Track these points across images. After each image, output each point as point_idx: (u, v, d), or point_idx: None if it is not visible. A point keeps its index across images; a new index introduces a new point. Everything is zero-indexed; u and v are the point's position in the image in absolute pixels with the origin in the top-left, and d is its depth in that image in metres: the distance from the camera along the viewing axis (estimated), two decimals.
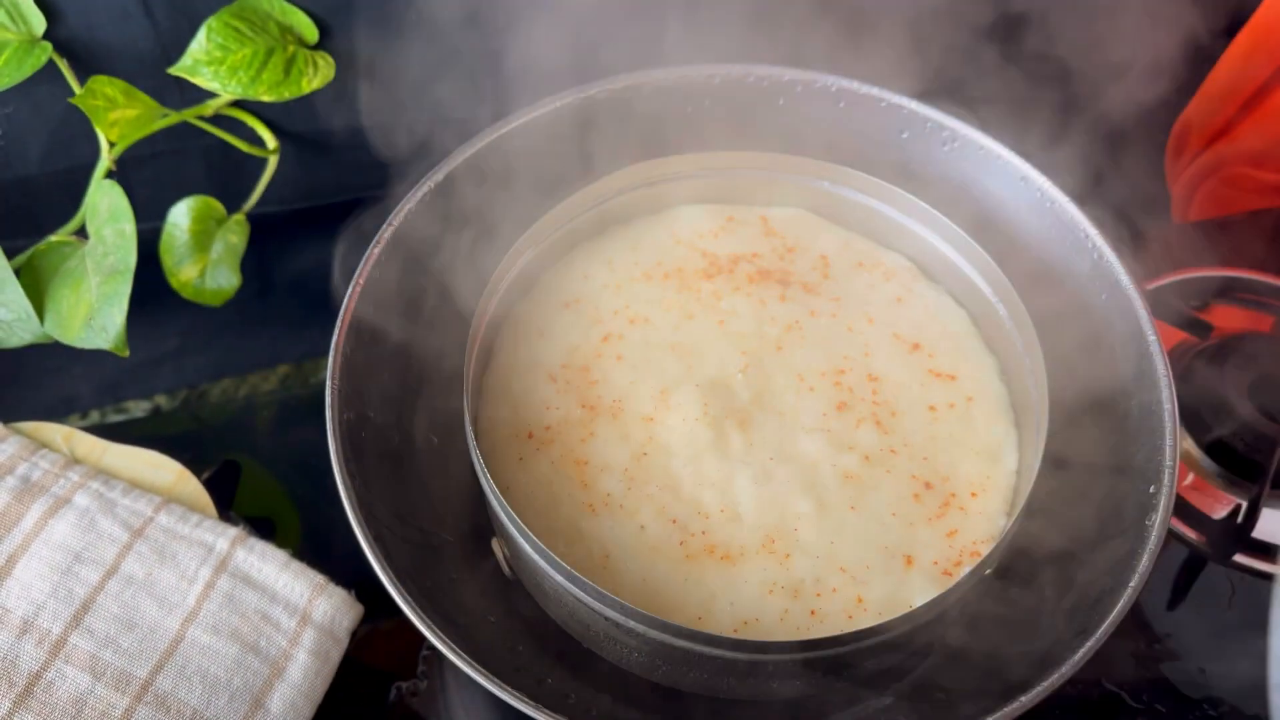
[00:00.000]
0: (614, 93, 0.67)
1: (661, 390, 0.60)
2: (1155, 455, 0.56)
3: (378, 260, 0.60)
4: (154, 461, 0.64)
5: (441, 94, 0.76)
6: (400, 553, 0.55)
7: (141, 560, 0.59)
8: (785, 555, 0.55)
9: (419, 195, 0.62)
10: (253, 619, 0.58)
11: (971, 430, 0.60)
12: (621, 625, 0.51)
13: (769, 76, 0.68)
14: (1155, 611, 0.68)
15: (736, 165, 0.68)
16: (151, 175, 0.76)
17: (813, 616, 0.54)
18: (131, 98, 0.68)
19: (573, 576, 0.50)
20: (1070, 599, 0.56)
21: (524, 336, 0.63)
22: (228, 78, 0.68)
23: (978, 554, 0.56)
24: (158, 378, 0.79)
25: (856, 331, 0.63)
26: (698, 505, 0.56)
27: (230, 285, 0.76)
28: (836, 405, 0.60)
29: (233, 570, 0.59)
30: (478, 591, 0.61)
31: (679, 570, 0.55)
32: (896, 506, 0.57)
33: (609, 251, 0.67)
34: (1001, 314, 0.62)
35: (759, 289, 0.64)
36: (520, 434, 0.60)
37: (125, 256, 0.66)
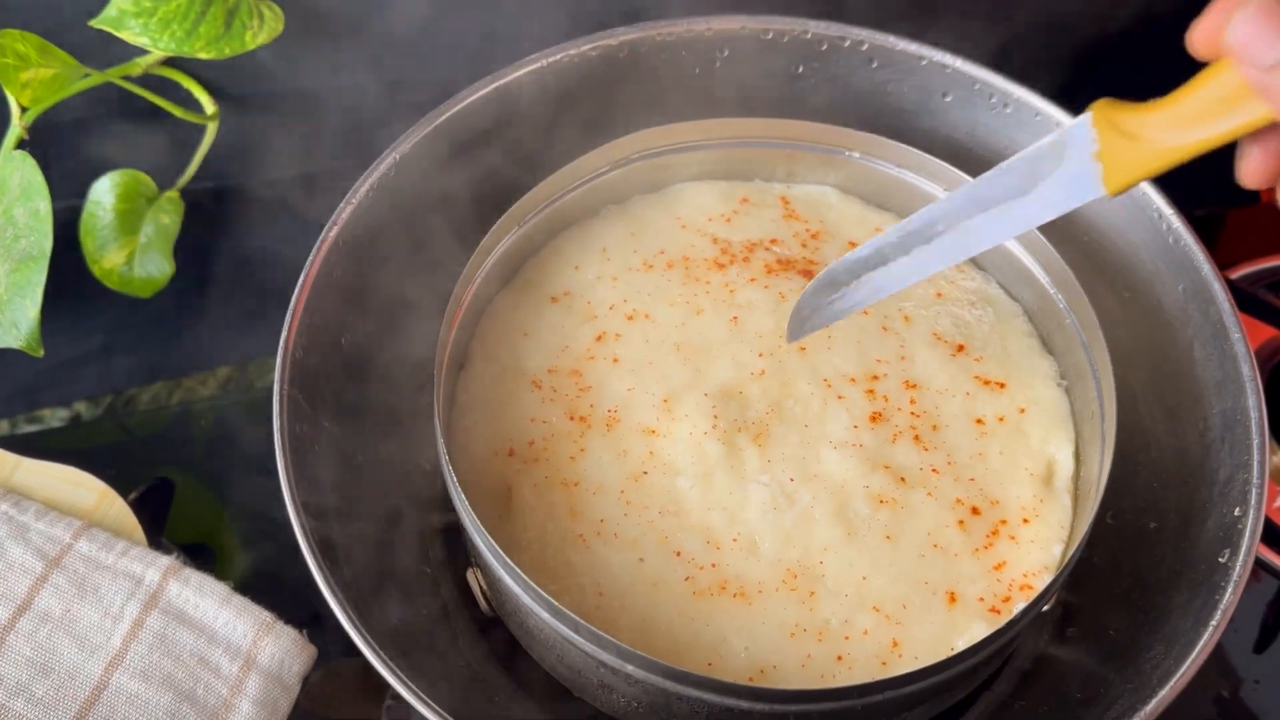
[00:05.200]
0: (608, 49, 0.67)
1: (665, 398, 0.60)
2: (1241, 472, 0.56)
3: (333, 245, 0.60)
4: (73, 479, 0.64)
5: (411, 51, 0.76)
6: (361, 586, 0.56)
7: (58, 594, 0.59)
8: (809, 592, 0.55)
9: (381, 169, 0.62)
10: (188, 663, 0.58)
11: (1024, 446, 0.60)
12: (618, 671, 0.51)
13: (790, 31, 0.68)
14: (1241, 654, 0.68)
15: (751, 135, 0.68)
16: (70, 145, 0.76)
17: (840, 662, 0.54)
18: (47, 55, 0.68)
19: (562, 614, 0.50)
20: (1142, 640, 0.56)
21: (504, 336, 0.63)
22: (159, 31, 0.68)
23: (1031, 588, 0.56)
24: (78, 381, 0.79)
25: (891, 331, 0.63)
26: (707, 533, 0.56)
27: (162, 273, 0.76)
28: (868, 417, 0.60)
29: (165, 606, 0.59)
30: (451, 631, 0.61)
31: (685, 609, 0.55)
32: (938, 535, 0.57)
33: (603, 236, 0.67)
34: (1061, 308, 0.62)
35: (778, 281, 0.64)
36: (500, 451, 0.60)
37: (39, 240, 0.66)
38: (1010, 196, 0.48)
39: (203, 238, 0.80)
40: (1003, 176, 0.48)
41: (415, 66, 0.76)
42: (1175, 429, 0.62)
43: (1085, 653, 0.60)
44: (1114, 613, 0.60)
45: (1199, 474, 0.59)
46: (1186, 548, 0.57)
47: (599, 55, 0.67)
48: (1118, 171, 0.44)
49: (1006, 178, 0.48)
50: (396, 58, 0.76)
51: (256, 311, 0.79)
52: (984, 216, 0.49)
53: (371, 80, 0.77)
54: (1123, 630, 0.58)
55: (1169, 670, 0.51)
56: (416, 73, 0.76)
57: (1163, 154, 0.43)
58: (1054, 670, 0.61)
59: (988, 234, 0.49)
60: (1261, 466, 0.55)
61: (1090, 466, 0.59)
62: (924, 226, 0.51)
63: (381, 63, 0.76)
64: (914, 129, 0.69)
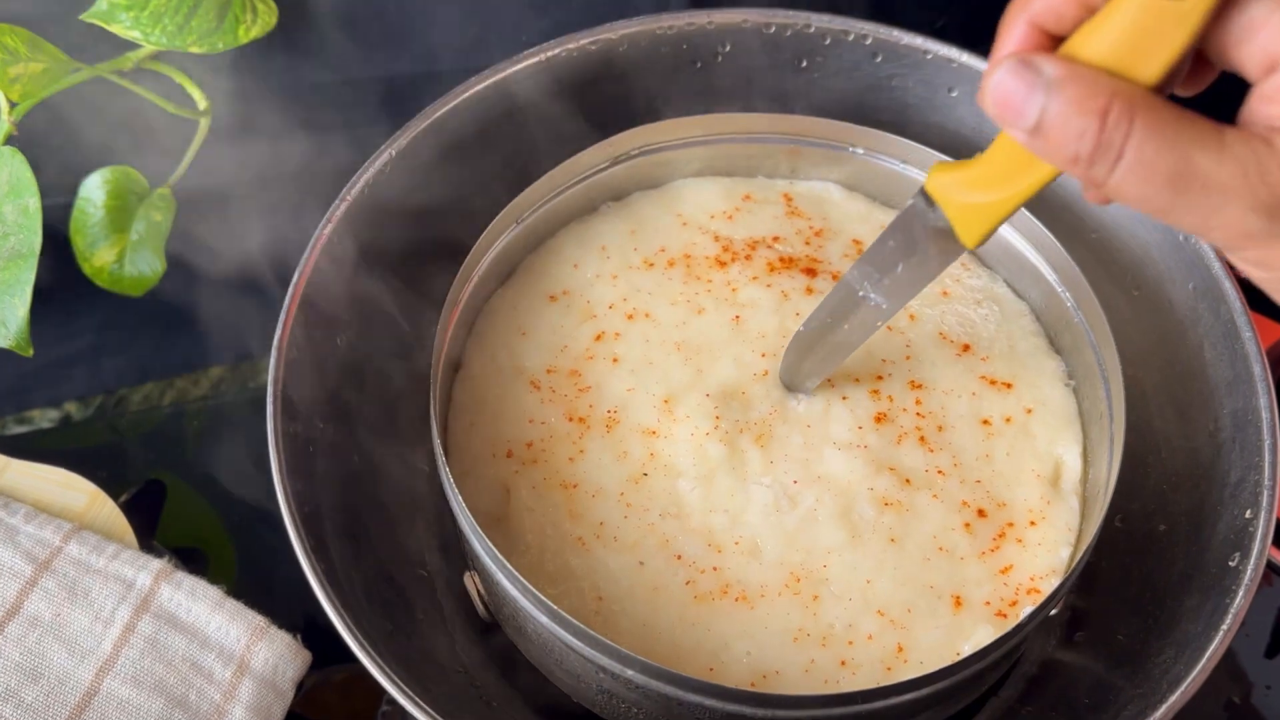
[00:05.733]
0: (607, 43, 0.67)
1: (665, 399, 0.60)
2: (1252, 474, 0.56)
3: (329, 242, 0.60)
4: (63, 481, 0.64)
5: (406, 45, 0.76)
6: (356, 589, 0.56)
7: (48, 598, 0.59)
8: (812, 596, 0.55)
9: (377, 166, 0.62)
10: (180, 668, 0.58)
11: (1031, 448, 0.60)
12: (619, 677, 0.51)
13: (792, 24, 0.68)
14: (1252, 659, 0.68)
15: (753, 130, 0.68)
16: (61, 141, 0.76)
17: (844, 667, 0.54)
18: (36, 49, 0.68)
19: (561, 619, 0.50)
20: (1152, 645, 0.56)
21: (502, 336, 0.63)
22: (150, 25, 0.68)
23: (1038, 592, 0.56)
24: (68, 381, 0.79)
25: (896, 330, 0.63)
26: (708, 536, 0.56)
27: (154, 271, 0.76)
28: (873, 417, 0.60)
29: (156, 610, 0.59)
30: (448, 636, 0.61)
31: (686, 614, 0.55)
32: (944, 538, 0.57)
33: (602, 234, 0.67)
34: (1069, 307, 0.62)
35: (781, 279, 0.64)
36: (498, 452, 0.60)
37: (28, 238, 0.66)
38: (901, 257, 0.51)
39: (195, 235, 0.80)
40: (887, 241, 0.51)
41: (410, 61, 0.76)
42: (1185, 430, 0.62)
43: (1094, 658, 0.60)
44: (1123, 617, 0.60)
45: (1209, 476, 0.59)
46: (1197, 551, 0.57)
47: (598, 49, 0.67)
48: (965, 228, 0.46)
49: (891, 241, 0.51)
50: (391, 52, 0.76)
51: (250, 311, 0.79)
52: (891, 278, 0.52)
53: (366, 75, 0.77)
54: (1132, 635, 0.58)
55: (1179, 675, 0.51)
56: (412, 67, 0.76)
57: (992, 208, 0.45)
58: (1062, 676, 0.61)
59: (902, 292, 0.53)
60: (1273, 468, 0.55)
61: (1098, 468, 0.59)
62: (848, 294, 0.55)
63: (376, 57, 0.76)
64: (919, 124, 0.69)
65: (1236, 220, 0.35)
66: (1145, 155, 0.35)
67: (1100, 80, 0.36)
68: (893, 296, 0.53)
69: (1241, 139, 0.35)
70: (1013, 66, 0.37)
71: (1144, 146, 0.35)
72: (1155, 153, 0.35)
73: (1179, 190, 0.35)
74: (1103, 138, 0.35)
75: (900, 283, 0.52)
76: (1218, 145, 0.35)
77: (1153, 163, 0.35)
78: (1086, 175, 0.36)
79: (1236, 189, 0.35)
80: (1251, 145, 0.35)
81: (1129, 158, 0.35)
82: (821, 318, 0.57)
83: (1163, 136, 0.35)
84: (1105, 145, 0.35)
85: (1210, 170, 0.35)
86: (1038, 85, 0.36)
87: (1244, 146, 0.35)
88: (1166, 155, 0.35)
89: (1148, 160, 0.35)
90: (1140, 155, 0.35)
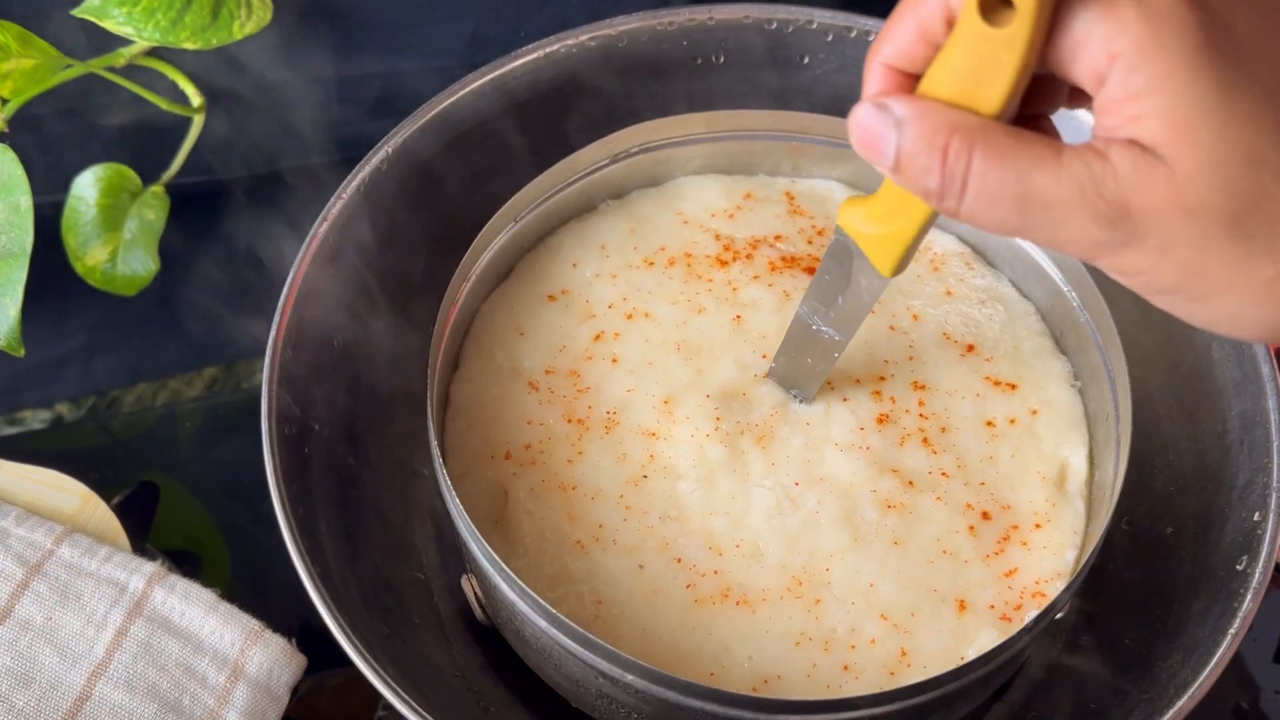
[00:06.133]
0: (606, 39, 0.67)
1: (665, 399, 0.60)
2: (1260, 476, 0.56)
3: (324, 242, 0.60)
4: (55, 483, 0.64)
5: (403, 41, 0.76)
6: (351, 592, 0.56)
7: (40, 602, 0.59)
8: (814, 600, 0.55)
9: (373, 164, 0.63)
10: (173, 673, 0.58)
11: (1036, 449, 0.60)
12: (618, 681, 0.51)
13: (795, 20, 0.68)
14: (1260, 664, 0.68)
15: (755, 127, 0.68)
16: (52, 138, 0.76)
17: (846, 672, 0.54)
18: (27, 45, 0.68)
19: (560, 623, 0.50)
20: (1158, 649, 0.56)
21: (499, 336, 0.63)
22: (143, 21, 0.68)
23: (1043, 596, 0.56)
24: (59, 382, 0.79)
25: (899, 330, 0.63)
26: (709, 539, 0.56)
27: (147, 271, 0.76)
28: (876, 419, 0.60)
29: (149, 614, 0.59)
30: (445, 640, 0.61)
31: (687, 617, 0.55)
32: (948, 541, 0.57)
33: (602, 232, 0.67)
34: (1074, 307, 0.62)
35: (783, 279, 0.64)
36: (495, 454, 0.60)
37: (20, 236, 0.66)
38: (839, 290, 0.53)
39: (188, 234, 0.80)
40: (824, 275, 0.53)
41: (407, 57, 0.76)
42: (1192, 431, 0.62)
43: (1100, 662, 0.60)
44: (1129, 621, 0.60)
45: (1217, 478, 0.59)
46: (1204, 554, 0.57)
47: (597, 45, 0.67)
48: (878, 259, 0.48)
49: (827, 275, 0.53)
50: (388, 48, 0.76)
51: (244, 310, 0.79)
52: (835, 310, 0.54)
53: (362, 72, 0.77)
54: (1138, 639, 0.58)
55: (1186, 680, 0.51)
56: (408, 64, 0.76)
57: (893, 238, 0.47)
58: (1068, 680, 0.61)
59: (848, 324, 0.55)
60: None
61: (1105, 470, 0.59)
62: (804, 329, 0.56)
63: (372, 53, 0.76)
64: None
65: (1081, 233, 0.37)
66: (988, 184, 0.37)
67: (941, 116, 0.38)
68: (841, 328, 0.55)
69: (1078, 156, 0.37)
70: (868, 108, 0.39)
71: (985, 176, 0.37)
72: (997, 180, 0.37)
73: (1024, 212, 0.37)
74: (945, 171, 0.38)
75: (844, 315, 0.54)
76: (1055, 165, 0.37)
77: (996, 190, 0.37)
78: (941, 208, 0.38)
79: (1076, 204, 0.36)
80: (1086, 160, 0.36)
81: (973, 188, 0.37)
82: (788, 351, 0.58)
83: (1001, 164, 0.37)
84: (949, 178, 0.38)
85: (1049, 190, 0.37)
86: (890, 124, 0.38)
87: (1079, 163, 0.36)
88: (1007, 181, 0.37)
89: (990, 188, 0.37)
90: (983, 185, 0.37)
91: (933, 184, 0.38)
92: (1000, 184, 0.37)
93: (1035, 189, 0.37)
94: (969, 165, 0.37)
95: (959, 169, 0.37)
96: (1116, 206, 0.36)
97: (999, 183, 0.37)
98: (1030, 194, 0.37)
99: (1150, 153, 0.36)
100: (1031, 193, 0.37)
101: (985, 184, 0.37)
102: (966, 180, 0.37)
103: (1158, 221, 0.36)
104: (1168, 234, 0.36)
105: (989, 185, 0.37)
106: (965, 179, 0.37)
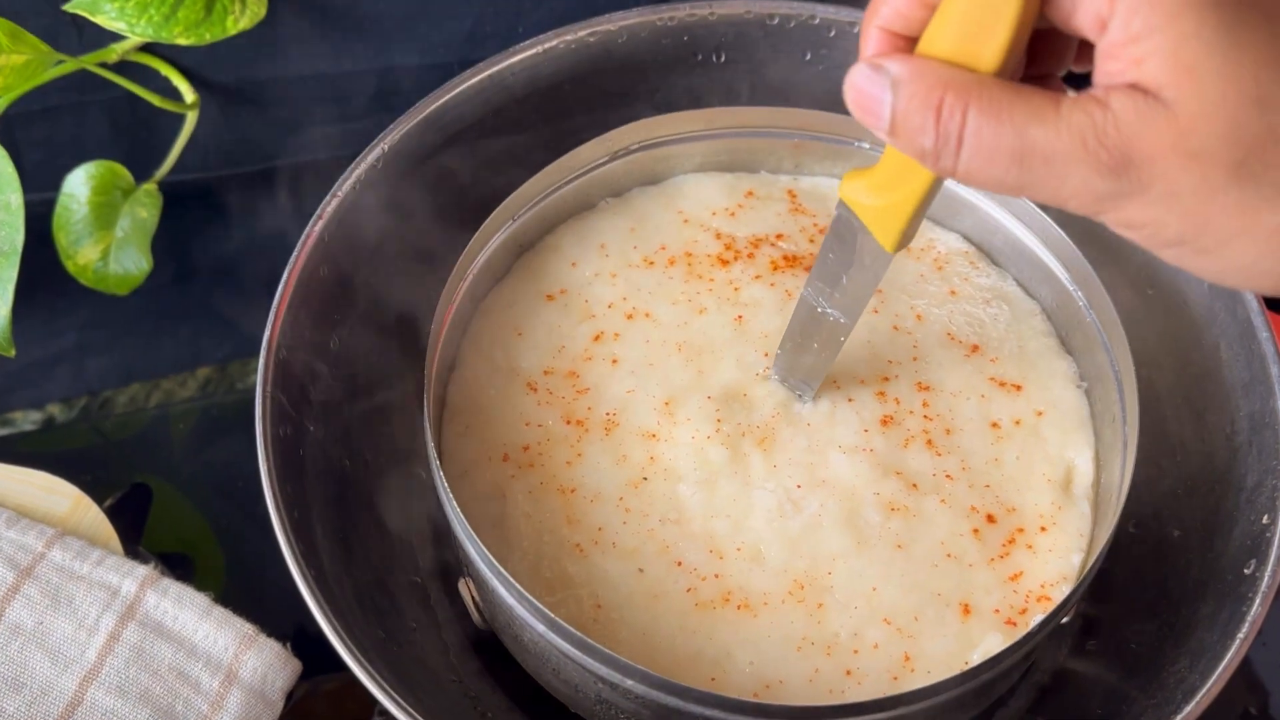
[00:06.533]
0: (606, 35, 0.67)
1: (666, 401, 0.60)
2: (1269, 478, 0.56)
3: (319, 240, 0.60)
4: (46, 484, 0.64)
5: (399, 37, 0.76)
6: (347, 596, 0.56)
7: (31, 606, 0.59)
8: (817, 604, 0.55)
9: (368, 161, 0.62)
10: (166, 678, 0.58)
11: (1042, 451, 0.60)
12: (618, 687, 0.51)
13: (797, 15, 0.68)
14: (1269, 668, 0.68)
15: (756, 124, 0.68)
16: (43, 135, 0.76)
17: (849, 677, 0.54)
18: (18, 40, 0.68)
19: (558, 627, 0.50)
20: (1166, 654, 0.56)
21: (497, 336, 0.63)
22: (136, 15, 0.67)
23: (1049, 599, 0.56)
24: (51, 383, 0.79)
25: (903, 331, 0.63)
26: (710, 542, 0.56)
27: (139, 270, 0.76)
28: (879, 420, 0.60)
29: (142, 618, 0.59)
30: (442, 644, 0.61)
31: (687, 622, 0.55)
32: (952, 544, 0.57)
33: (601, 231, 0.67)
34: (1080, 306, 0.62)
35: (785, 278, 0.64)
36: (493, 455, 0.60)
37: (10, 235, 0.66)
38: (843, 269, 0.52)
39: (182, 232, 0.80)
40: (828, 253, 0.52)
41: (403, 53, 0.76)
42: (1200, 433, 0.62)
43: (1106, 667, 0.60)
44: (1136, 625, 0.60)
45: (1225, 480, 0.59)
46: (1212, 557, 0.57)
47: (597, 41, 0.67)
48: (881, 232, 0.48)
49: (830, 254, 0.52)
50: (384, 44, 0.76)
51: (238, 310, 0.79)
52: (840, 290, 0.54)
53: (358, 68, 0.77)
54: (1145, 643, 0.58)
55: (1194, 686, 0.51)
56: (405, 60, 0.76)
57: (895, 209, 0.46)
58: (1073, 685, 0.61)
59: (854, 304, 0.54)
60: None
61: (1111, 472, 0.59)
62: (809, 312, 0.56)
63: (369, 49, 0.76)
64: None
65: (1084, 186, 0.36)
66: (984, 140, 0.36)
67: (935, 73, 0.37)
68: (847, 310, 0.55)
69: (1077, 105, 0.36)
70: (863, 70, 0.39)
71: (981, 132, 0.36)
72: (993, 135, 0.36)
73: (1024, 167, 0.36)
74: (939, 129, 0.37)
75: (849, 295, 0.54)
76: (1054, 117, 0.36)
77: (992, 145, 0.36)
78: (936, 167, 0.38)
79: (1077, 156, 0.36)
80: (1087, 109, 0.36)
81: (969, 145, 0.37)
82: (793, 338, 0.58)
83: (998, 118, 0.36)
84: (944, 135, 0.37)
85: (1049, 142, 0.36)
86: (885, 85, 0.38)
87: (1079, 113, 0.36)
88: (1004, 136, 0.36)
89: (987, 144, 0.36)
90: (979, 141, 0.37)
91: (928, 143, 0.37)
92: (996, 139, 0.36)
93: (1034, 142, 0.36)
94: (964, 121, 0.37)
95: (954, 126, 0.37)
96: (1119, 155, 0.35)
97: (995, 138, 0.36)
98: (1029, 148, 0.36)
99: (1153, 96, 0.35)
100: (1030, 146, 0.36)
101: (981, 140, 0.36)
102: (962, 137, 0.37)
103: (1161, 169, 0.35)
104: (1172, 182, 0.35)
105: (985, 141, 0.36)
106: (960, 135, 0.37)
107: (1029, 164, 0.36)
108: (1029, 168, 0.36)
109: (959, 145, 0.37)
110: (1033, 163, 0.36)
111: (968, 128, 0.37)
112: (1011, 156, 0.36)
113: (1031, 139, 0.36)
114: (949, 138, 0.37)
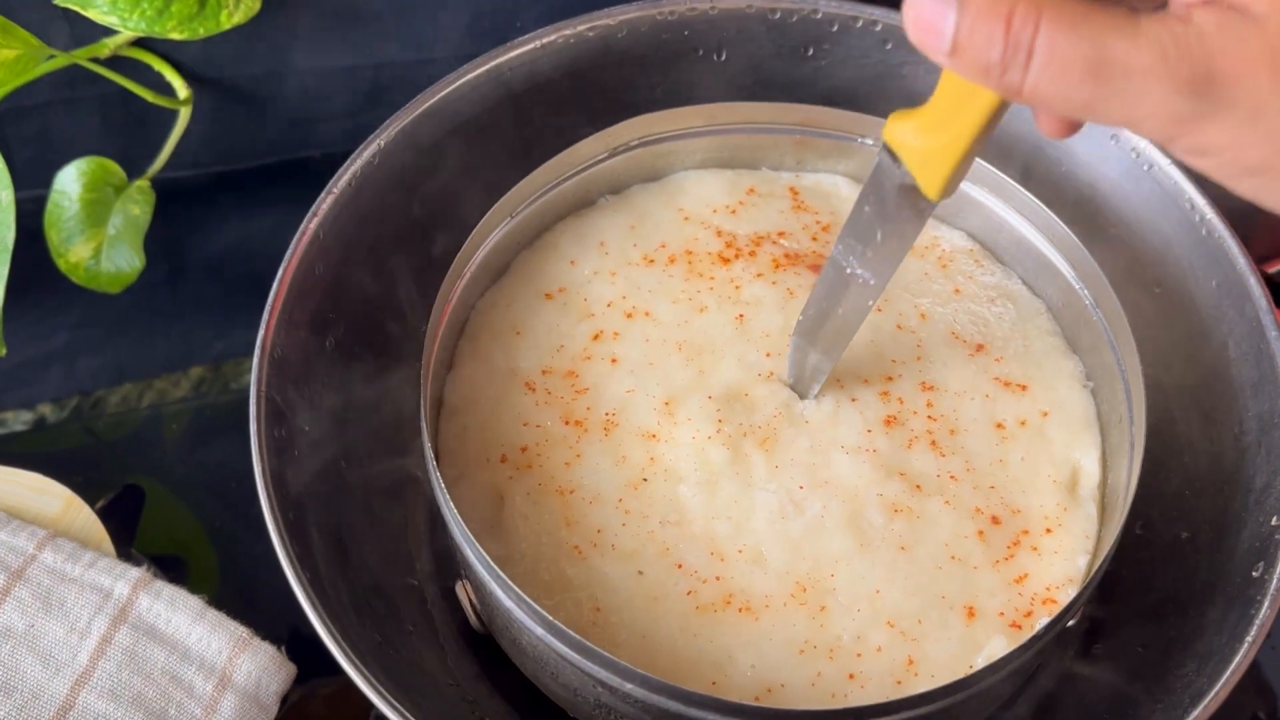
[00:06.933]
0: (605, 30, 0.67)
1: (666, 401, 0.60)
2: (1278, 479, 0.56)
3: (313, 238, 0.60)
4: (37, 486, 0.64)
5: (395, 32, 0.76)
6: (343, 599, 0.55)
7: (21, 609, 0.59)
8: (819, 606, 0.55)
9: (364, 157, 0.62)
10: (159, 681, 0.58)
11: (1047, 452, 0.60)
12: (617, 690, 0.51)
13: (799, 10, 0.68)
14: (1278, 672, 0.68)
15: (758, 120, 0.68)
16: (34, 131, 0.76)
17: (852, 680, 0.54)
18: (9, 35, 0.67)
19: (557, 630, 0.50)
20: (1173, 657, 0.56)
21: (495, 335, 0.63)
22: (128, 10, 0.67)
23: (1054, 602, 0.56)
24: (42, 382, 0.79)
25: (907, 330, 0.63)
26: (711, 544, 0.56)
27: (132, 268, 0.76)
28: (882, 420, 0.60)
29: (134, 621, 0.59)
30: (439, 647, 0.61)
31: (688, 624, 0.55)
32: (956, 546, 0.57)
33: (600, 228, 0.67)
34: (1087, 305, 0.62)
35: (787, 276, 0.64)
36: (491, 456, 0.60)
37: (1, 233, 0.66)
38: (878, 223, 0.51)
39: (175, 230, 0.80)
40: (863, 207, 0.52)
41: (400, 48, 0.76)
42: (1208, 433, 0.62)
43: (1113, 671, 0.60)
44: (1143, 628, 0.60)
45: (1233, 481, 0.59)
46: (1220, 560, 0.57)
47: (596, 36, 0.67)
48: (925, 177, 0.47)
49: (866, 206, 0.51)
50: (380, 39, 0.76)
51: (232, 308, 0.79)
52: (873, 248, 0.53)
53: (354, 63, 0.77)
54: (1152, 647, 0.58)
55: (1202, 689, 0.51)
56: (401, 55, 0.76)
57: (945, 150, 0.45)
58: (1079, 689, 0.61)
59: (886, 264, 0.53)
60: None
61: (1117, 473, 0.59)
62: (837, 272, 0.55)
63: (364, 44, 0.76)
64: None
65: (1162, 104, 0.35)
66: (1057, 50, 0.35)
67: None
68: (878, 270, 0.54)
69: (1158, 20, 0.35)
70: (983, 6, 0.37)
71: (1054, 41, 0.35)
72: (1067, 45, 0.35)
73: (1099, 81, 0.35)
74: (1010, 39, 0.35)
75: (882, 253, 0.53)
76: (1133, 30, 0.34)
77: (1066, 56, 0.35)
78: (1002, 84, 0.36)
79: (1157, 71, 0.34)
80: (1168, 24, 0.34)
81: (1040, 55, 0.35)
82: (818, 302, 0.57)
83: (1073, 27, 0.35)
84: (1014, 46, 0.35)
85: (1128, 55, 0.34)
86: (950, 3, 0.36)
87: (1160, 27, 0.34)
88: (1079, 46, 0.35)
89: (1060, 54, 0.35)
90: (1052, 51, 0.35)
91: (995, 55, 0.35)
92: (1071, 49, 0.35)
93: (1111, 54, 0.34)
94: (1036, 31, 0.35)
95: (1025, 35, 0.35)
96: (1201, 70, 0.34)
97: (1070, 47, 0.35)
98: (1105, 60, 0.34)
99: (1239, 10, 0.34)
100: (1106, 58, 0.34)
101: (1054, 50, 0.35)
102: (1033, 47, 0.35)
103: (1246, 86, 0.34)
104: (1258, 100, 0.34)
105: (1058, 51, 0.35)
106: (1032, 45, 0.35)
107: (1104, 77, 0.35)
108: (1104, 81, 0.35)
109: (1029, 57, 0.35)
110: (1109, 77, 0.35)
111: (1040, 38, 0.35)
112: (1086, 69, 0.35)
113: (1110, 50, 0.34)
114: (1019, 48, 0.35)
